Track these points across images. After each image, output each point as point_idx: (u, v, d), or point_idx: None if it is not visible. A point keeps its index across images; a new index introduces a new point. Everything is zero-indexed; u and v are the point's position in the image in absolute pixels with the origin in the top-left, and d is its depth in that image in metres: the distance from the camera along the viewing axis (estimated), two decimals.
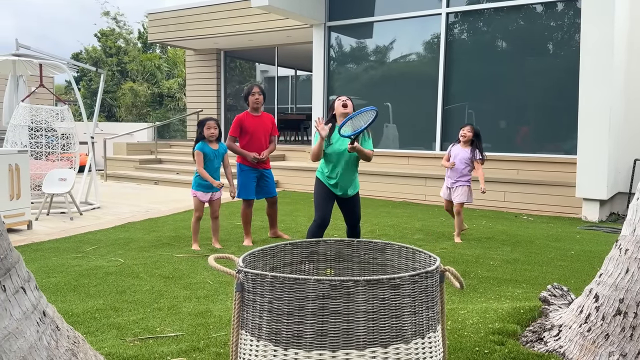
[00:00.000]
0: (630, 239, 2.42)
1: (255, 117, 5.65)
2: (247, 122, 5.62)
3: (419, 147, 10.41)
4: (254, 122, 5.62)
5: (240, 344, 1.75)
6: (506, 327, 2.73)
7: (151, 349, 2.64)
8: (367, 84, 11.06)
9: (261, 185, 5.77)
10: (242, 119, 5.65)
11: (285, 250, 2.14)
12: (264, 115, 5.75)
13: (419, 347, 1.69)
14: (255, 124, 5.62)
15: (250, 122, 5.62)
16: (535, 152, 9.15)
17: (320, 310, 1.60)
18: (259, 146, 5.65)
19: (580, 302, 2.54)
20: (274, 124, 5.85)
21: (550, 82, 8.99)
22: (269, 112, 5.95)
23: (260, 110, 5.71)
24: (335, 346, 1.60)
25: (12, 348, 1.64)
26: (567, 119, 8.76)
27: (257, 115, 5.68)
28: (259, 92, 5.62)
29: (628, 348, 2.26)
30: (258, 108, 5.66)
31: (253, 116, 5.66)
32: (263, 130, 5.66)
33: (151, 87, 20.11)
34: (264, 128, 5.68)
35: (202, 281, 4.26)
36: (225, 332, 2.91)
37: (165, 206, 8.68)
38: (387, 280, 1.62)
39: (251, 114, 5.67)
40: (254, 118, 5.65)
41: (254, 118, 5.65)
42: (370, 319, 1.61)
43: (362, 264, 2.19)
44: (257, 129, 5.61)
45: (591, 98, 7.67)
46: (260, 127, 5.63)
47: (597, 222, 7.82)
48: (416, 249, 2.06)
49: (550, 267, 5.08)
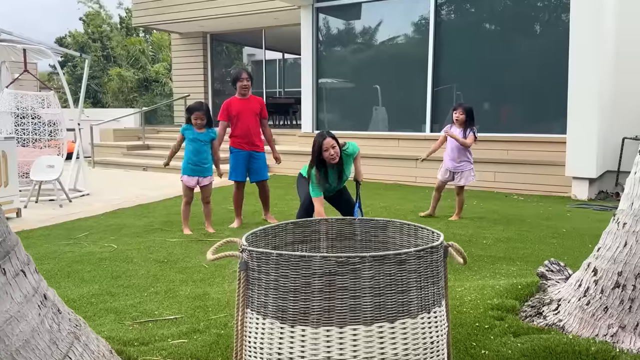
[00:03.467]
0: (628, 212, 2.43)
1: (242, 101, 5.67)
2: (234, 106, 5.65)
3: (409, 129, 10.40)
4: (240, 106, 5.64)
5: (245, 323, 1.74)
6: (505, 302, 2.75)
7: (151, 332, 2.62)
8: (356, 66, 10.99)
9: (251, 167, 5.76)
10: (229, 103, 5.70)
11: (286, 230, 2.12)
12: (252, 98, 5.76)
13: (425, 321, 1.69)
14: (241, 106, 5.63)
15: (237, 105, 5.64)
16: (524, 132, 9.16)
17: (327, 287, 1.59)
18: (247, 128, 5.64)
19: (578, 276, 2.56)
20: (263, 106, 5.83)
21: (539, 62, 9.00)
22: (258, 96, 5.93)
23: (248, 95, 5.73)
24: (343, 322, 1.60)
25: (14, 332, 1.62)
26: (556, 98, 8.78)
27: (245, 99, 5.69)
28: (247, 78, 5.65)
29: (627, 320, 2.29)
30: (246, 93, 5.68)
31: (240, 100, 5.67)
32: (250, 111, 5.65)
33: (137, 72, 19.85)
34: (251, 110, 5.67)
35: (197, 265, 4.24)
36: (224, 314, 2.90)
37: (155, 192, 8.62)
38: (394, 256, 1.61)
39: (238, 98, 5.69)
40: (241, 101, 5.66)
41: (241, 101, 5.66)
42: (376, 294, 1.61)
43: (364, 242, 2.19)
44: (244, 111, 5.62)
45: (581, 78, 7.69)
46: (246, 109, 5.64)
47: (587, 201, 7.89)
48: (418, 226, 2.05)
49: (543, 244, 5.13)
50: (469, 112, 5.83)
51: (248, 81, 5.66)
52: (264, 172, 5.84)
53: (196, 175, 5.44)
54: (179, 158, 5.74)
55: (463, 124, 5.83)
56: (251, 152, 5.70)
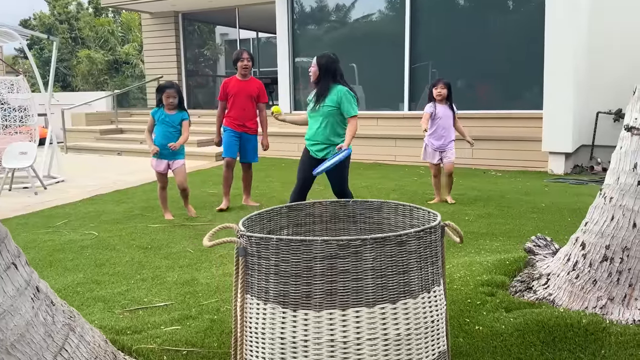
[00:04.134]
0: (614, 187, 2.47)
1: (241, 81, 5.63)
2: (231, 85, 5.61)
3: (387, 107, 10.39)
4: (237, 86, 5.60)
5: (245, 308, 1.73)
6: (494, 278, 2.79)
7: (142, 320, 2.59)
8: (333, 45, 10.89)
9: (242, 148, 5.76)
10: (227, 82, 5.67)
11: (281, 214, 2.10)
12: (251, 80, 5.72)
13: (425, 301, 1.69)
14: (239, 87, 5.59)
15: (234, 85, 5.60)
16: (501, 108, 9.23)
17: (328, 270, 1.58)
18: (242, 110, 5.61)
19: (566, 250, 2.60)
20: (261, 90, 5.77)
21: (515, 38, 9.04)
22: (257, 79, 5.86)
23: (248, 76, 5.68)
24: (345, 304, 1.59)
25: (9, 326, 1.57)
26: (532, 74, 8.86)
27: (244, 80, 5.65)
28: (248, 58, 5.60)
29: (615, 292, 2.34)
30: (246, 74, 5.64)
31: (239, 80, 5.63)
32: (246, 94, 5.62)
33: (107, 54, 19.37)
34: (248, 92, 5.64)
35: (183, 250, 4.20)
36: (215, 299, 2.88)
37: (132, 177, 8.47)
38: (394, 238, 1.61)
39: (238, 78, 5.64)
40: (240, 82, 5.62)
41: (239, 82, 5.62)
42: (378, 276, 1.60)
43: (359, 224, 2.18)
44: (240, 92, 5.58)
45: (556, 53, 7.76)
46: (243, 91, 5.60)
47: (563, 175, 8.03)
48: (413, 206, 2.05)
49: (523, 219, 5.21)
50: (449, 87, 5.76)
51: (249, 61, 5.61)
52: (253, 155, 5.83)
53: (165, 159, 5.27)
54: None
55: (444, 99, 5.73)
56: (242, 134, 5.69)
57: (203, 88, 17.18)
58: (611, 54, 8.42)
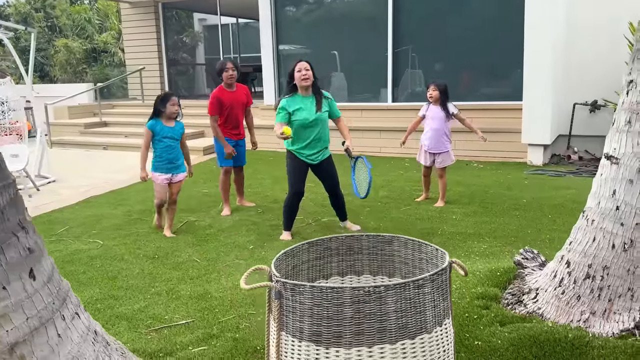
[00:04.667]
0: (595, 210, 2.75)
1: (230, 92, 5.74)
2: (225, 98, 5.69)
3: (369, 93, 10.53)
4: (230, 98, 5.71)
5: (281, 344, 1.97)
6: (487, 291, 3.07)
7: (170, 340, 2.81)
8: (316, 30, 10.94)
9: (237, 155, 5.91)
10: (219, 96, 5.68)
11: (303, 250, 2.34)
12: (238, 88, 5.84)
13: (438, 334, 1.96)
14: (231, 98, 5.71)
15: (227, 97, 5.70)
16: (482, 99, 9.51)
17: (356, 313, 1.82)
18: (236, 119, 5.79)
19: (553, 267, 2.89)
20: (248, 95, 5.95)
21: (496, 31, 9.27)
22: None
23: (234, 85, 5.78)
24: (371, 342, 1.84)
25: None
26: (511, 67, 9.15)
27: (232, 90, 5.76)
28: (233, 69, 5.66)
29: (597, 306, 2.64)
30: (232, 84, 5.73)
31: (228, 91, 5.74)
32: (239, 103, 5.79)
33: (84, 42, 19.12)
34: (240, 101, 5.80)
35: (189, 259, 4.40)
36: (232, 315, 3.11)
37: (123, 175, 8.57)
38: (412, 282, 1.85)
39: (226, 89, 5.73)
40: (230, 93, 5.73)
41: (229, 93, 5.73)
42: (399, 316, 1.85)
43: (371, 256, 2.43)
44: (234, 104, 5.72)
45: (536, 48, 8.04)
46: (236, 102, 5.75)
47: (542, 166, 8.38)
48: (422, 242, 2.30)
49: (507, 217, 5.51)
50: (442, 89, 5.80)
51: (234, 71, 5.67)
52: (243, 158, 6.06)
53: (169, 172, 5.10)
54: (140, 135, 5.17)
55: (438, 101, 5.83)
56: (237, 141, 5.88)
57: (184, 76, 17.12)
58: (586, 47, 8.73)
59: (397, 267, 2.42)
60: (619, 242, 2.63)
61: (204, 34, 17.83)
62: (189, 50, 17.41)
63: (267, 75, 11.39)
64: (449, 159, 5.96)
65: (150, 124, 4.98)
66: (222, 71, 5.66)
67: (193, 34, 17.53)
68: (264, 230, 5.30)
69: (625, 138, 2.70)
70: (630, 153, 2.67)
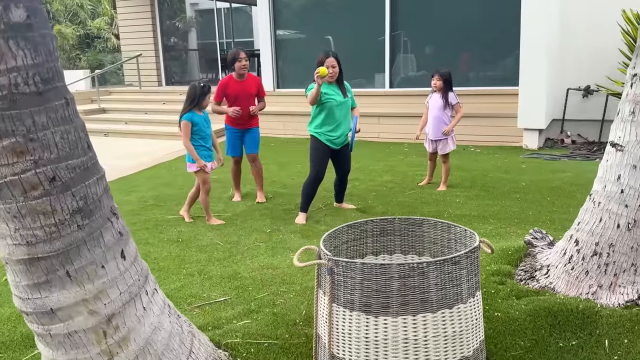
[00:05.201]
0: (601, 193, 3.02)
1: (239, 82, 5.70)
2: (230, 87, 5.68)
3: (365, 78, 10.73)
4: (237, 87, 5.68)
5: (332, 315, 2.21)
6: (501, 268, 3.34)
7: (214, 315, 3.05)
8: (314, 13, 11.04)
9: (246, 142, 5.93)
10: (225, 84, 5.71)
11: (342, 231, 2.58)
12: (249, 79, 5.79)
13: (472, 304, 2.21)
14: (238, 88, 5.68)
15: (234, 87, 5.67)
16: (478, 85, 9.76)
17: (402, 286, 2.07)
18: (244, 111, 5.70)
19: (562, 245, 3.16)
20: (260, 87, 5.88)
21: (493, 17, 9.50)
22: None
23: (245, 75, 5.75)
24: (415, 311, 2.10)
25: (158, 338, 2.03)
26: (507, 53, 9.40)
27: (242, 80, 5.73)
28: (246, 58, 5.65)
29: (603, 280, 2.92)
30: (244, 74, 5.70)
31: (237, 81, 5.71)
32: (246, 94, 5.72)
33: (77, 28, 19.05)
34: (248, 92, 5.73)
35: (212, 243, 4.63)
36: (266, 293, 3.36)
37: (128, 161, 8.75)
38: (450, 259, 2.11)
39: (235, 79, 5.72)
40: (238, 83, 5.70)
41: (237, 83, 5.70)
42: (439, 288, 2.11)
43: (403, 237, 2.67)
44: (240, 94, 5.67)
45: (532, 33, 8.27)
46: (243, 92, 5.69)
47: (537, 150, 8.68)
48: (451, 224, 2.55)
49: (508, 200, 5.79)
50: (445, 78, 6.03)
51: (246, 61, 5.64)
52: (255, 146, 5.96)
53: (211, 160, 5.19)
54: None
55: (441, 90, 6.08)
56: (246, 130, 5.87)
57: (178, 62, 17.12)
58: (580, 34, 9.00)
59: (427, 247, 2.68)
60: (624, 222, 2.90)
61: (197, 19, 17.81)
62: (183, 36, 17.40)
63: (265, 60, 11.49)
64: (449, 146, 6.20)
65: (188, 116, 4.96)
66: (234, 60, 5.63)
67: (186, 19, 17.51)
68: (277, 214, 5.53)
69: (630, 127, 2.96)
70: (634, 141, 2.93)
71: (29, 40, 1.64)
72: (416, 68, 10.45)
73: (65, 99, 1.78)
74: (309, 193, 5.20)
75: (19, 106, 1.64)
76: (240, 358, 2.54)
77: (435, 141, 6.20)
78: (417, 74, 10.38)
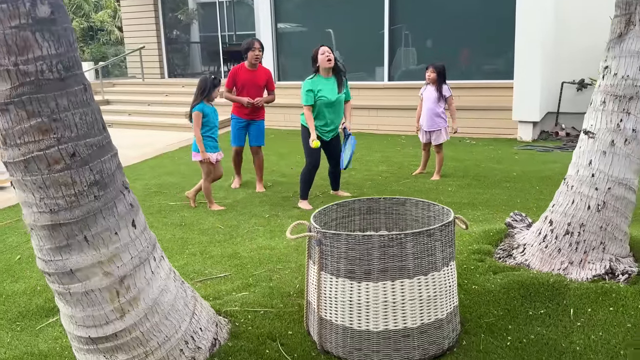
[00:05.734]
0: (575, 177, 3.26)
1: (249, 71, 5.81)
2: (240, 76, 5.80)
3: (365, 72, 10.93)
4: (246, 76, 5.79)
5: (320, 281, 2.46)
6: (482, 247, 3.58)
7: (215, 288, 3.31)
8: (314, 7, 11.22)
9: (250, 133, 6.10)
10: (236, 72, 5.83)
11: (332, 209, 2.83)
12: (260, 70, 5.90)
13: (445, 272, 2.46)
14: (247, 78, 5.79)
15: (243, 75, 5.80)
16: (474, 78, 9.97)
17: (382, 255, 2.32)
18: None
19: (538, 226, 3.40)
20: (269, 79, 5.99)
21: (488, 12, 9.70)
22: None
23: (257, 66, 5.85)
24: (394, 277, 2.34)
25: (165, 300, 2.28)
26: (502, 47, 9.60)
27: (253, 70, 5.84)
28: (259, 49, 5.73)
29: (574, 257, 3.16)
30: (256, 64, 5.80)
31: (248, 70, 5.81)
32: (255, 85, 5.85)
33: (81, 21, 19.28)
34: (256, 83, 5.86)
35: (213, 226, 4.88)
36: (264, 270, 3.61)
37: (132, 152, 8.96)
38: (426, 231, 2.35)
39: (247, 68, 5.83)
40: (248, 72, 5.81)
41: (248, 72, 5.81)
42: (415, 257, 2.35)
43: (387, 215, 2.92)
44: (248, 83, 5.80)
45: (526, 29, 8.49)
46: (251, 82, 5.81)
47: (531, 142, 8.90)
48: (431, 203, 2.80)
49: (498, 188, 6.03)
50: (439, 71, 6.22)
51: (260, 51, 5.74)
52: (260, 139, 6.13)
53: (217, 150, 5.35)
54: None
55: (435, 83, 6.28)
56: (251, 121, 6.02)
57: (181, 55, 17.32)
58: (575, 28, 9.19)
59: (409, 224, 2.92)
60: (594, 203, 3.14)
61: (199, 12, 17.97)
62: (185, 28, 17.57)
63: (266, 53, 11.66)
64: (442, 137, 6.40)
65: (199, 107, 5.13)
66: (248, 49, 5.71)
67: (189, 12, 17.66)
68: (275, 201, 5.78)
69: (601, 116, 3.19)
70: (604, 129, 3.16)
71: (53, 33, 1.88)
72: (414, 61, 10.66)
73: (83, 85, 2.02)
74: (306, 180, 5.45)
75: (44, 90, 1.88)
76: (238, 323, 2.79)
77: (429, 132, 6.42)
78: (415, 67, 10.60)
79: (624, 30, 3.10)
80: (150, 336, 2.21)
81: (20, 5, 1.79)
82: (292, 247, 4.05)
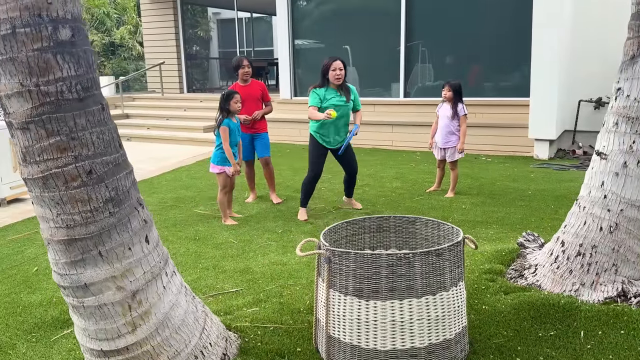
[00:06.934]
0: (587, 198, 3.25)
1: (244, 87, 6.10)
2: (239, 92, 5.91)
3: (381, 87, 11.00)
4: (243, 92, 5.98)
5: (329, 298, 2.49)
6: (494, 267, 3.58)
7: (226, 303, 3.35)
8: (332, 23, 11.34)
9: (256, 146, 6.29)
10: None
11: (342, 227, 2.85)
12: (253, 83, 6.22)
13: (454, 292, 2.47)
14: (244, 93, 5.99)
15: (241, 91, 5.89)
16: (490, 95, 9.98)
17: (390, 274, 2.34)
18: (251, 114, 6.09)
19: (550, 247, 3.39)
20: (264, 90, 6.28)
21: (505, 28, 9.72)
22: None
23: (249, 81, 6.18)
24: (402, 296, 2.36)
25: (175, 314, 2.32)
26: (519, 64, 9.61)
27: (246, 85, 6.15)
28: (248, 65, 6.08)
29: (586, 279, 3.14)
30: (247, 79, 6.14)
31: (242, 86, 6.11)
32: (252, 98, 6.13)
33: (103, 36, 19.69)
34: (253, 96, 6.14)
35: (227, 241, 4.93)
36: (275, 285, 3.64)
37: (150, 165, 9.11)
38: (434, 251, 2.37)
39: (240, 85, 6.14)
40: (243, 88, 6.08)
41: (242, 88, 6.07)
42: (423, 276, 2.36)
43: (397, 233, 2.94)
44: (247, 98, 6.03)
45: (543, 46, 8.47)
46: (249, 96, 6.08)
47: (547, 160, 8.85)
48: (440, 222, 2.81)
49: (513, 207, 6.00)
50: (455, 89, 6.27)
51: (249, 68, 6.10)
52: (266, 150, 6.33)
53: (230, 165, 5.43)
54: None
55: (451, 101, 6.31)
56: (253, 135, 6.22)
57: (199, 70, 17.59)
58: (591, 46, 9.17)
59: (419, 243, 2.93)
60: (606, 225, 3.13)
61: (218, 28, 18.28)
62: (204, 44, 17.87)
63: (284, 69, 11.82)
64: (457, 154, 6.42)
65: (226, 122, 5.32)
66: (238, 67, 6.05)
67: (208, 28, 17.96)
68: (289, 217, 5.82)
69: (613, 137, 3.19)
70: (617, 150, 3.16)
71: (73, 55, 1.96)
72: (429, 78, 10.70)
73: (101, 105, 2.09)
74: (307, 190, 5.58)
75: (63, 110, 1.95)
76: (247, 339, 2.82)
77: (444, 149, 6.43)
78: (431, 84, 10.63)
79: (637, 52, 3.11)
80: (161, 350, 2.25)
81: (43, 29, 1.87)
82: (304, 263, 4.08)
